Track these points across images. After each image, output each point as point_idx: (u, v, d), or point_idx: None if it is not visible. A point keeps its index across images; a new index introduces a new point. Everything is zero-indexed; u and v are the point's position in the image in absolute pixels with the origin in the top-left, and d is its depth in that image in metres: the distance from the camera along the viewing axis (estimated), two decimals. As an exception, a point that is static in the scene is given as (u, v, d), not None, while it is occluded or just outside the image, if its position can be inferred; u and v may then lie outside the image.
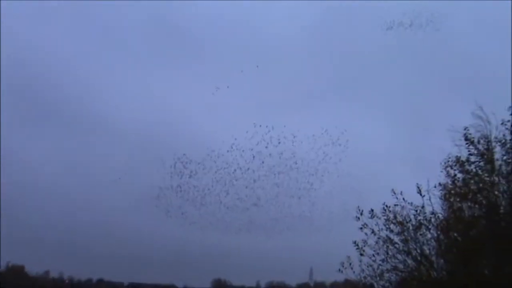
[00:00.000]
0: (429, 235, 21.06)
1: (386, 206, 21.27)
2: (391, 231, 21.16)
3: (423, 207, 20.81)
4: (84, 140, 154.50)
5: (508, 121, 19.63)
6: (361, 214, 21.65)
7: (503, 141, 19.68)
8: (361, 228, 21.48)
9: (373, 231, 21.32)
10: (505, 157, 19.68)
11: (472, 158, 20.20)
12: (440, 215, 21.09)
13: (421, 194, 20.76)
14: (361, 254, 21.53)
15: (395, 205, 21.17)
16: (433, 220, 20.86)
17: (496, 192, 19.61)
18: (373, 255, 21.42)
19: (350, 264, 21.97)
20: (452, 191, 20.61)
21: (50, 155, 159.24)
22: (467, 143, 20.33)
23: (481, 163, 20.03)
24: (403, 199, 21.09)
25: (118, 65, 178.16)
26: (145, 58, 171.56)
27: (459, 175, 20.54)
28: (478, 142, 20.14)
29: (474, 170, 20.16)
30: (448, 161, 20.82)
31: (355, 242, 21.51)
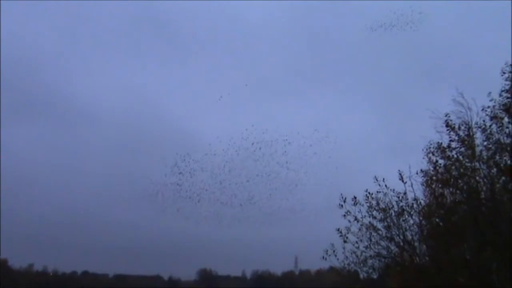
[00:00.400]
0: (411, 221, 21.27)
1: (369, 193, 21.39)
2: (374, 217, 21.30)
3: (405, 193, 21.00)
4: (84, 138, 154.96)
5: (488, 107, 19.76)
6: (344, 201, 21.73)
7: (483, 127, 19.81)
8: (344, 216, 21.56)
9: (356, 218, 21.41)
10: (485, 143, 19.83)
11: (453, 144, 20.30)
12: (422, 201, 21.32)
13: (403, 181, 20.91)
14: (345, 241, 21.62)
15: (377, 192, 21.31)
16: (415, 206, 21.06)
17: (477, 178, 19.77)
18: (357, 242, 21.55)
19: (334, 251, 22.07)
20: (434, 177, 20.73)
21: (41, 147, 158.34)
22: (448, 130, 20.41)
23: (462, 149, 20.16)
24: (386, 186, 21.23)
25: (118, 66, 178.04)
26: (144, 58, 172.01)
27: (441, 161, 20.67)
28: (459, 128, 20.23)
29: (455, 156, 20.28)
30: (430, 147, 20.93)
31: (338, 230, 21.58)
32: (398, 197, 21.05)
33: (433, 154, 20.80)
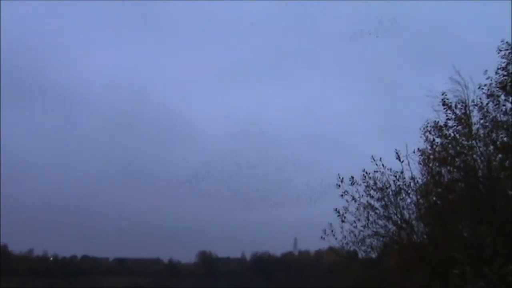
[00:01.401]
0: (408, 200, 21.37)
1: (366, 172, 21.43)
2: (372, 197, 21.37)
3: (402, 172, 21.00)
4: (81, 124, 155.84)
5: (485, 85, 19.72)
6: (342, 181, 21.78)
7: (480, 105, 19.79)
8: (342, 195, 21.64)
9: (353, 198, 21.49)
10: (482, 121, 19.83)
11: (450, 123, 20.29)
12: (419, 180, 21.36)
13: (400, 160, 20.94)
14: (343, 221, 21.75)
15: (375, 171, 21.33)
16: (412, 185, 21.12)
17: (473, 156, 19.82)
18: (354, 222, 21.67)
19: (332, 231, 22.23)
20: (431, 156, 20.78)
21: (39, 133, 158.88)
22: (445, 108, 20.37)
23: (459, 127, 20.16)
24: (383, 165, 21.27)
25: (111, 53, 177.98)
26: (136, 46, 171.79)
27: (438, 140, 20.69)
28: (456, 106, 20.19)
29: (452, 134, 20.29)
30: (427, 126, 20.92)
31: (336, 209, 21.69)
32: (395, 176, 21.08)
33: (430, 133, 20.80)
